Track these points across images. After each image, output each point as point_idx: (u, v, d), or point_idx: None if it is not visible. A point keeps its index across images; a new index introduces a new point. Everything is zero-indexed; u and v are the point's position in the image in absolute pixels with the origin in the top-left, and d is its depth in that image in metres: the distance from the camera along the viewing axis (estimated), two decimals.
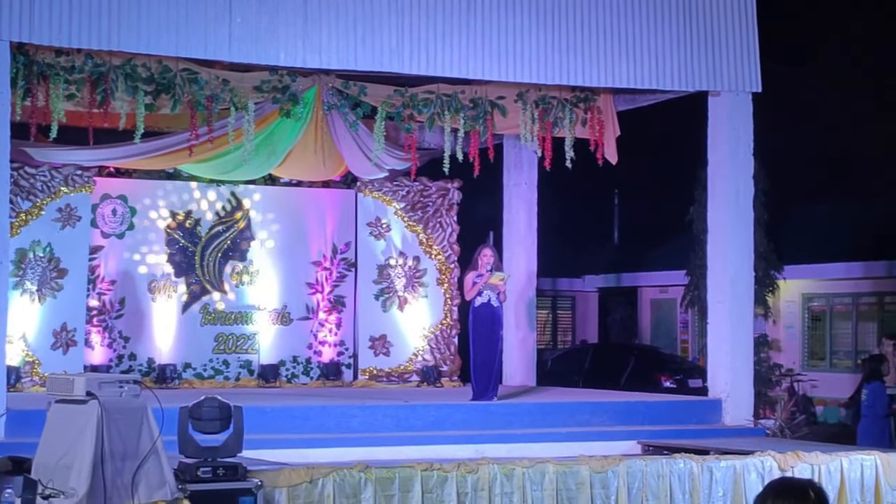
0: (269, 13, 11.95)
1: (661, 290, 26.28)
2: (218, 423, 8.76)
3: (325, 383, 15.84)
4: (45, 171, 14.62)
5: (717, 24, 13.54)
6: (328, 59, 12.25)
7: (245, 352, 15.73)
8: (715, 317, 13.88)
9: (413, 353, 16.19)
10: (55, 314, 14.62)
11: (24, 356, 14.40)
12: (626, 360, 21.47)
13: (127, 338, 15.17)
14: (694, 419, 13.40)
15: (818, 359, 23.67)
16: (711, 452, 11.20)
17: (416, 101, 13.80)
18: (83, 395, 7.65)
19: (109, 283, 15.14)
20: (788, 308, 23.77)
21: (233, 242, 15.78)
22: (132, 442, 7.65)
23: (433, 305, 16.33)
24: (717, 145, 13.84)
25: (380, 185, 16.15)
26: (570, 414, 13.04)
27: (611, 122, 14.47)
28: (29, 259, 14.53)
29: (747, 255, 13.75)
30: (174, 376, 15.14)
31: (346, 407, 12.33)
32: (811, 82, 26.22)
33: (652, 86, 13.44)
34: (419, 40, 12.47)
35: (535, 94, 14.06)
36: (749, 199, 13.75)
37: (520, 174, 16.45)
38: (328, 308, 16.13)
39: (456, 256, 16.42)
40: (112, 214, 15.22)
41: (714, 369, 13.83)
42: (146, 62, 12.47)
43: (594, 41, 13.07)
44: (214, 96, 12.92)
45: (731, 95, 13.64)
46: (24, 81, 11.96)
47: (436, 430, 12.21)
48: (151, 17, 11.52)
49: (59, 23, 11.20)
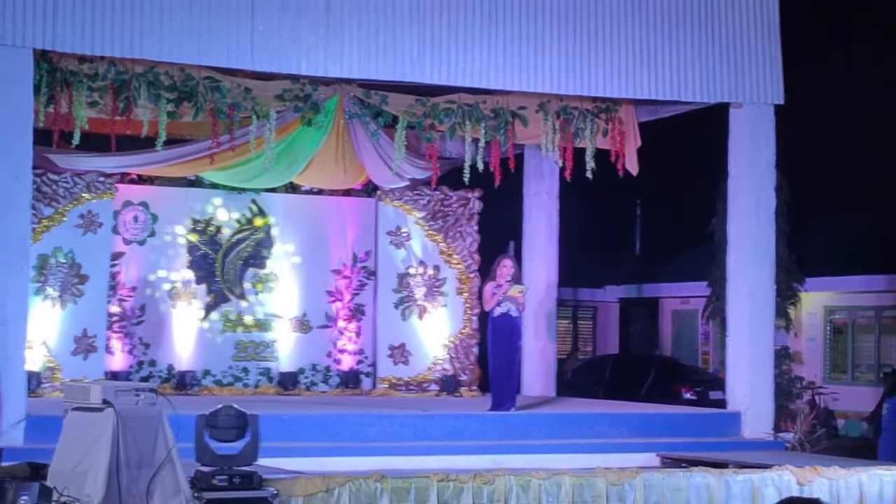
0: (291, 22, 11.99)
1: (683, 301, 26.20)
2: (234, 432, 8.79)
3: (344, 391, 15.85)
4: (68, 177, 14.70)
5: (740, 35, 13.51)
6: (350, 69, 12.29)
7: (265, 359, 15.76)
8: (735, 329, 13.83)
9: (432, 362, 16.19)
10: (76, 320, 14.68)
11: (45, 362, 14.46)
12: (646, 371, 21.40)
13: (147, 344, 15.22)
14: (713, 432, 13.36)
15: (840, 372, 23.56)
16: (730, 466, 11.17)
17: (437, 110, 13.81)
18: (99, 403, 7.69)
19: (130, 290, 15.20)
20: (810, 320, 23.66)
21: (253, 250, 15.81)
22: (147, 450, 7.68)
23: (453, 315, 16.33)
24: (738, 157, 13.80)
25: (400, 194, 16.16)
26: (589, 425, 13.02)
27: (632, 132, 14.46)
28: (50, 265, 14.59)
29: (768, 267, 13.70)
30: (194, 383, 15.18)
31: (363, 416, 12.35)
32: (835, 93, 26.13)
33: (673, 97, 13.42)
34: (440, 50, 12.49)
35: (557, 105, 14.06)
36: (770, 211, 13.70)
37: (540, 184, 16.44)
38: (348, 316, 16.15)
39: (476, 266, 16.41)
40: (133, 221, 15.28)
41: (733, 382, 13.78)
42: (169, 70, 12.53)
43: (616, 52, 13.07)
44: (236, 104, 12.98)
45: (753, 107, 13.61)
46: (47, 88, 12.03)
47: (453, 440, 12.21)
48: (174, 26, 11.58)
49: (83, 30, 11.28)
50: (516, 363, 13.38)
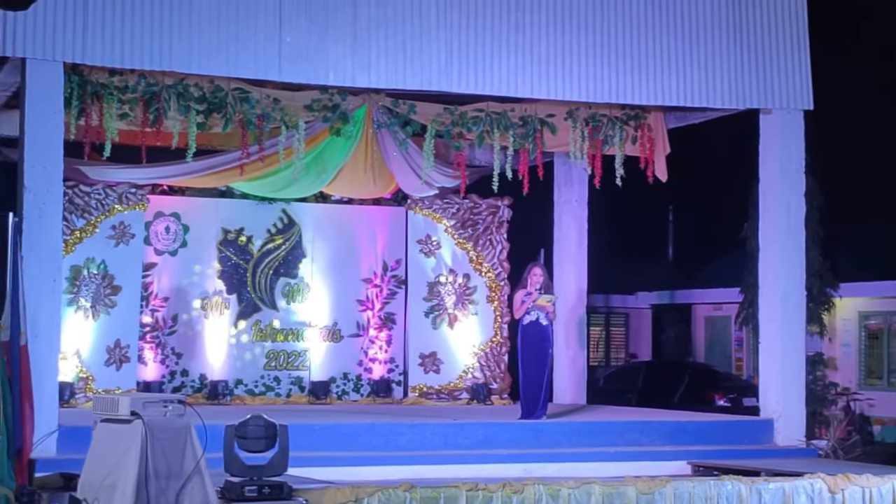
0: (319, 33, 12.05)
1: (716, 307, 26.05)
2: (263, 442, 8.81)
3: (376, 400, 15.87)
4: (100, 189, 14.80)
5: (769, 41, 13.47)
6: (377, 78, 12.34)
7: (296, 368, 15.81)
8: (766, 336, 13.77)
9: (463, 370, 16.19)
10: (109, 330, 14.78)
11: (78, 372, 14.56)
12: (679, 377, 21.29)
13: (179, 354, 15.29)
14: (745, 439, 13.31)
15: (875, 377, 23.36)
16: (762, 474, 11.12)
17: (465, 119, 13.83)
18: (128, 415, 7.73)
19: (162, 300, 15.28)
20: (845, 326, 23.47)
21: (284, 260, 15.87)
22: (176, 461, 7.72)
23: (483, 323, 16.33)
24: (768, 163, 13.75)
25: (430, 203, 16.18)
26: (619, 433, 12.98)
27: (661, 139, 14.42)
28: (83, 276, 14.70)
29: (799, 273, 13.64)
30: (226, 393, 15.24)
31: (393, 425, 12.36)
32: (871, 95, 25.95)
33: (702, 103, 13.40)
34: (468, 59, 12.52)
35: (585, 112, 14.04)
36: (801, 217, 13.64)
37: (570, 191, 16.42)
38: (378, 325, 16.18)
39: (506, 274, 16.41)
40: (165, 232, 15.37)
41: (766, 389, 13.72)
42: (198, 82, 12.60)
43: (644, 59, 13.05)
44: (265, 115, 13.04)
45: (783, 113, 13.56)
46: (78, 101, 12.13)
47: (484, 449, 12.22)
48: (203, 38, 11.68)
49: (113, 44, 11.39)
50: (547, 371, 13.36)
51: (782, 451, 13.04)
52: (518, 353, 13.39)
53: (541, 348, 13.27)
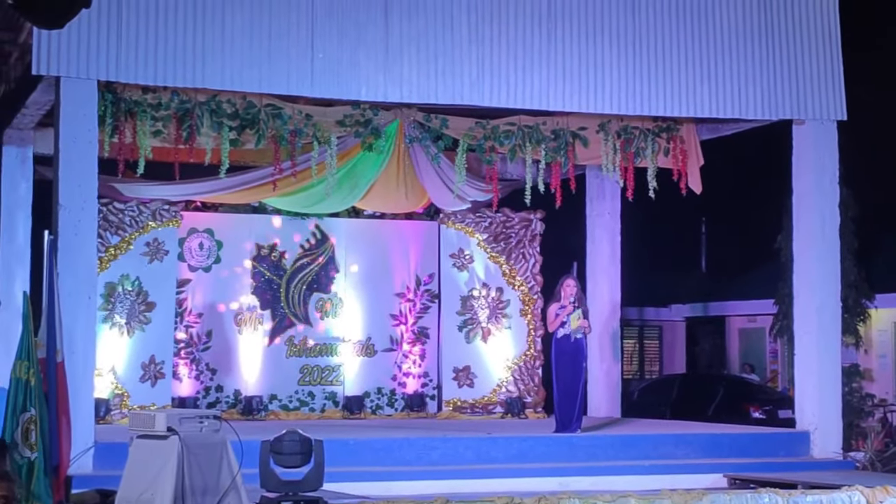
0: (351, 48, 12.10)
1: (750, 319, 25.92)
2: (299, 458, 8.84)
3: (410, 415, 15.87)
4: (134, 206, 14.87)
5: (801, 51, 13.42)
6: (409, 93, 12.36)
7: (330, 383, 15.82)
8: (802, 347, 13.70)
9: (497, 384, 16.16)
10: (144, 347, 14.84)
11: (114, 388, 14.62)
12: (714, 390, 21.18)
13: (214, 370, 15.34)
14: (782, 451, 13.24)
15: None
16: (799, 486, 11.04)
17: (497, 132, 13.83)
18: (164, 430, 7.77)
19: (196, 316, 15.34)
20: (881, 337, 23.30)
21: (317, 275, 15.90)
22: (212, 477, 7.75)
23: (517, 336, 16.30)
24: (801, 174, 13.69)
25: (462, 217, 16.19)
26: (654, 446, 12.94)
27: (694, 151, 14.38)
28: (118, 293, 14.77)
29: (834, 284, 13.57)
30: (260, 408, 15.27)
31: (428, 439, 12.35)
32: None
33: (735, 115, 13.36)
34: (499, 72, 12.53)
35: (617, 125, 14.02)
36: (835, 228, 13.57)
37: (602, 204, 16.39)
38: (412, 339, 16.18)
39: (539, 287, 16.38)
40: (199, 248, 15.44)
41: (802, 401, 13.64)
42: (230, 98, 12.67)
43: (676, 71, 13.03)
44: (298, 131, 13.08)
45: (816, 124, 13.51)
46: (111, 119, 12.21)
47: (518, 463, 12.19)
48: (235, 55, 11.74)
49: (146, 61, 11.47)
50: (581, 384, 13.33)
51: (819, 464, 12.95)
52: (552, 366, 13.37)
53: (575, 361, 13.24)
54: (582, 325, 13.18)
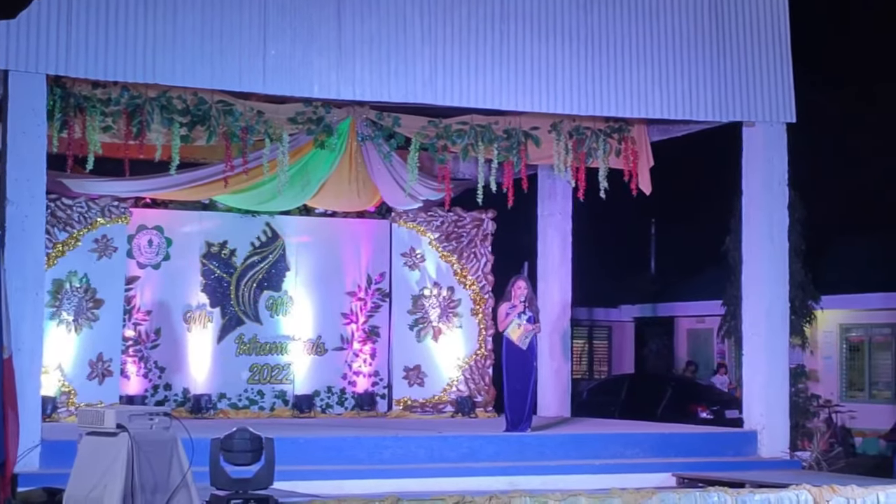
0: (303, 46, 12.04)
1: (698, 320, 26.09)
2: (249, 455, 8.77)
3: (360, 414, 15.83)
4: (82, 202, 14.74)
5: (751, 54, 13.52)
6: (362, 91, 12.33)
7: (280, 382, 15.76)
8: (750, 348, 13.80)
9: (447, 383, 16.17)
10: (91, 344, 14.71)
11: (61, 386, 14.48)
12: (662, 390, 21.30)
13: (162, 368, 15.24)
14: (729, 451, 13.33)
15: (857, 389, 23.42)
16: (747, 485, 11.11)
17: (449, 131, 13.83)
18: (113, 427, 7.69)
19: (145, 314, 15.22)
20: (826, 338, 23.53)
21: (268, 273, 15.83)
22: (162, 474, 7.68)
23: (467, 336, 16.31)
24: (751, 176, 13.80)
25: (414, 216, 16.17)
26: (604, 446, 12.99)
27: (645, 152, 14.46)
28: (65, 289, 14.63)
29: (782, 285, 13.68)
30: (209, 406, 15.18)
31: (378, 438, 12.33)
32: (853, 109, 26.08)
33: (685, 116, 13.44)
34: (452, 71, 12.53)
35: (569, 125, 14.07)
36: (784, 229, 13.69)
37: (554, 204, 16.44)
38: (363, 338, 16.15)
39: (490, 287, 16.41)
40: (148, 245, 15.32)
41: (750, 401, 13.75)
42: (182, 94, 12.57)
43: (627, 72, 13.09)
44: (249, 128, 13.01)
45: (766, 126, 13.62)
46: (60, 114, 12.09)
47: (469, 462, 12.20)
48: (187, 50, 11.65)
49: (96, 56, 11.35)
50: (531, 384, 13.35)
51: (766, 463, 13.06)
52: (503, 365, 13.37)
53: (525, 361, 13.25)
54: (525, 329, 13.18)
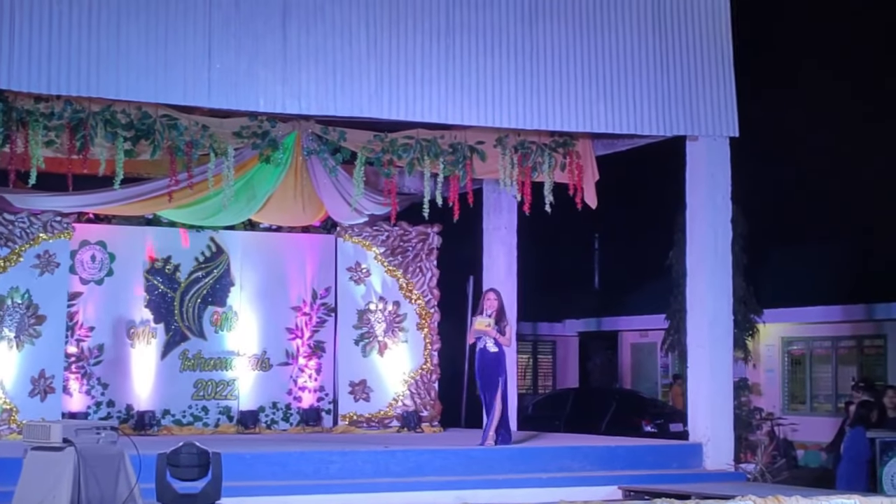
0: (248, 59, 11.99)
1: (642, 334, 26.29)
2: (196, 470, 8.73)
3: (305, 429, 15.77)
4: (24, 217, 14.59)
5: (694, 69, 13.65)
6: (307, 105, 12.29)
7: (224, 398, 15.67)
8: (694, 361, 13.90)
9: (393, 398, 16.14)
10: (33, 361, 14.55)
11: (2, 403, 14.31)
12: (607, 404, 21.43)
13: (105, 384, 15.09)
14: (675, 463, 13.40)
15: (798, 402, 23.69)
16: (692, 497, 11.15)
17: (395, 146, 13.83)
18: (60, 442, 7.61)
19: (88, 330, 15.08)
20: (768, 352, 23.79)
21: (212, 288, 15.74)
22: (109, 489, 7.61)
23: (413, 350, 16.30)
24: (694, 190, 13.92)
25: (360, 230, 16.16)
26: (551, 459, 13.01)
27: (590, 166, 14.54)
28: (7, 306, 14.47)
29: (726, 299, 13.79)
30: (153, 423, 15.05)
31: (325, 453, 12.27)
32: (791, 126, 26.41)
33: (630, 130, 13.52)
34: (398, 86, 12.53)
35: (515, 139, 14.12)
36: (727, 243, 13.81)
37: (499, 218, 16.48)
38: (308, 353, 16.09)
39: (436, 301, 16.42)
40: (91, 261, 15.19)
41: (694, 413, 13.83)
42: (125, 108, 12.49)
43: (572, 86, 13.15)
44: (194, 142, 12.94)
45: (709, 140, 13.74)
46: (2, 128, 11.97)
47: (416, 476, 12.17)
48: (131, 64, 11.55)
49: (38, 69, 11.22)
50: (498, 397, 13.34)
51: (711, 475, 13.13)
52: (478, 378, 13.48)
53: (491, 374, 13.31)
54: (488, 331, 13.23)
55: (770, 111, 24.39)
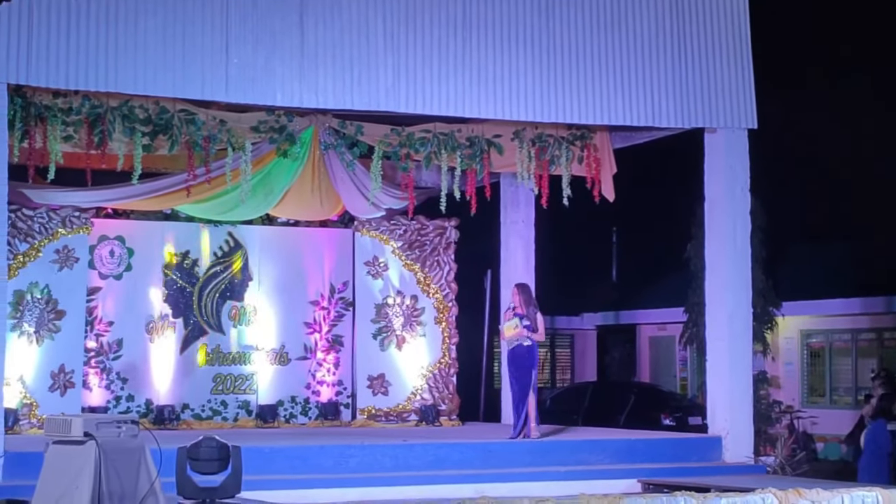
0: (266, 54, 12.02)
1: (660, 327, 26.22)
2: (216, 464, 8.72)
3: (324, 423, 15.78)
4: (43, 212, 14.63)
5: (713, 61, 13.61)
6: (325, 99, 12.31)
7: (243, 392, 15.69)
8: (714, 354, 13.87)
9: (411, 392, 16.13)
10: (53, 356, 14.59)
11: (22, 398, 14.35)
12: (625, 398, 21.38)
13: (125, 379, 15.13)
14: (694, 457, 13.38)
15: (818, 395, 23.60)
16: (712, 490, 11.14)
17: (412, 140, 13.83)
18: (81, 435, 7.63)
19: (107, 325, 15.12)
20: (787, 345, 23.71)
21: (230, 282, 15.76)
22: (130, 483, 7.63)
23: (431, 344, 16.29)
24: (713, 182, 13.88)
25: (377, 225, 16.15)
26: (570, 452, 13.01)
27: (607, 159, 14.52)
28: (27, 301, 14.51)
29: (745, 291, 13.75)
30: (172, 417, 15.08)
31: (344, 447, 12.29)
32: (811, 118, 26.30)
33: (648, 123, 13.49)
34: (415, 79, 12.53)
35: (532, 133, 14.10)
36: (746, 235, 13.77)
37: (517, 212, 16.46)
38: (326, 348, 16.10)
39: (454, 295, 16.40)
40: (110, 255, 15.22)
41: (714, 407, 13.80)
42: (143, 103, 12.52)
43: (590, 79, 13.14)
44: (212, 137, 12.96)
45: (727, 132, 13.70)
46: (21, 123, 12.01)
47: (435, 470, 12.18)
48: (149, 59, 11.59)
49: (57, 64, 11.27)
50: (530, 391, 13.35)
51: (731, 468, 13.12)
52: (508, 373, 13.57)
53: (523, 369, 13.33)
54: (519, 333, 13.28)
55: (789, 105, 24.30)
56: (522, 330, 13.30)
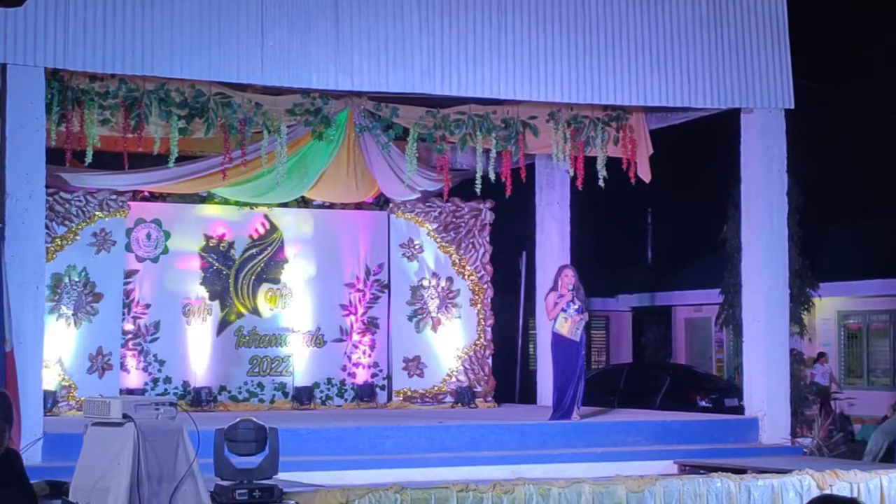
0: (301, 36, 12.03)
1: (696, 308, 26.13)
2: (254, 445, 8.78)
3: (360, 405, 15.83)
4: (80, 196, 14.72)
5: (749, 41, 13.52)
6: (360, 82, 12.32)
7: (279, 374, 15.75)
8: (750, 335, 13.81)
9: (447, 374, 16.16)
10: (91, 338, 14.70)
11: (61, 380, 14.47)
12: (661, 379, 21.34)
13: (162, 361, 15.22)
14: (731, 438, 13.35)
15: (855, 377, 23.49)
16: (749, 471, 11.13)
17: (447, 122, 13.81)
18: (119, 417, 7.69)
19: (144, 307, 15.21)
20: (824, 326, 23.59)
21: (266, 265, 15.81)
22: (168, 464, 7.68)
23: (466, 326, 16.30)
24: (749, 163, 13.80)
25: (412, 207, 16.16)
26: (606, 434, 13.01)
27: (643, 140, 14.45)
28: (64, 284, 14.61)
29: (782, 272, 13.68)
30: (209, 399, 15.17)
31: (380, 428, 12.34)
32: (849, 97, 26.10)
33: (684, 103, 13.44)
34: (450, 61, 12.52)
35: (567, 114, 14.05)
36: (783, 216, 13.70)
37: (552, 194, 16.41)
38: (362, 330, 16.14)
39: (489, 277, 16.40)
40: (146, 238, 15.30)
41: (750, 388, 13.76)
42: (179, 87, 12.56)
43: (626, 59, 13.08)
44: (247, 120, 12.99)
45: (764, 112, 13.61)
46: (58, 107, 12.06)
47: (471, 451, 12.21)
48: (184, 42, 11.64)
49: (94, 49, 11.35)
50: (576, 376, 13.36)
51: (768, 450, 13.07)
52: (551, 356, 13.56)
53: (570, 353, 13.35)
54: (574, 321, 13.29)
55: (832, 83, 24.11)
56: (574, 317, 13.27)
